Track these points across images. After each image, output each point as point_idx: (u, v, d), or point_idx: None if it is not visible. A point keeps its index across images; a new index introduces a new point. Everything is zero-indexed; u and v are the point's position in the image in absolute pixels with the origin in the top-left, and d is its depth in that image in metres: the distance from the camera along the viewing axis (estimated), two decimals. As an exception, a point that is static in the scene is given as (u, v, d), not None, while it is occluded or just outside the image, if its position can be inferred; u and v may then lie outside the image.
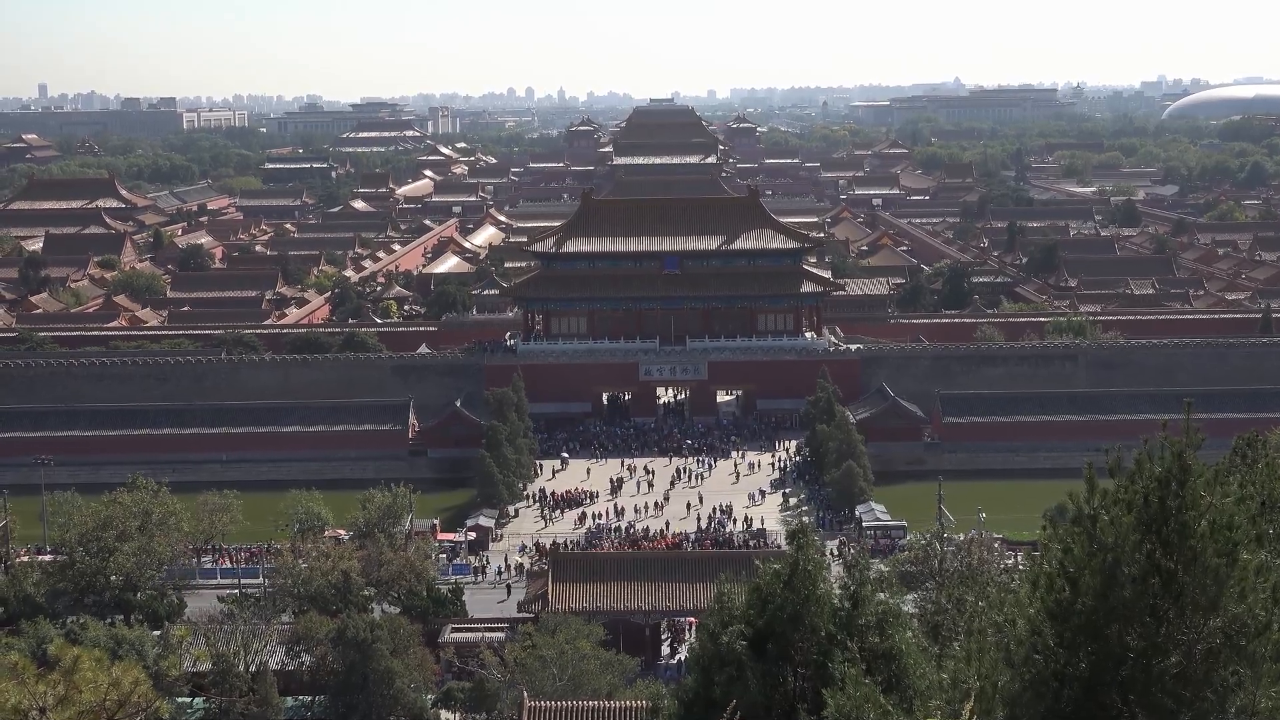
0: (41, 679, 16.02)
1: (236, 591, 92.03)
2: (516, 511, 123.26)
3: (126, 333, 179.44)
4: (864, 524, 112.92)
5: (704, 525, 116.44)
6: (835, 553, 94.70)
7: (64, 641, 15.82)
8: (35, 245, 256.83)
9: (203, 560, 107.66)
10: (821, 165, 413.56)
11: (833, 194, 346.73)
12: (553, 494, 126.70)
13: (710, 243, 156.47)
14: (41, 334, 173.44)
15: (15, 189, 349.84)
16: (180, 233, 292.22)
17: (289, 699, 75.62)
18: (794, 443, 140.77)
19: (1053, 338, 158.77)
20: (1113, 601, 15.72)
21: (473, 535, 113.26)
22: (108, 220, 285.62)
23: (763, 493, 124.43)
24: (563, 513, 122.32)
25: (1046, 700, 15.91)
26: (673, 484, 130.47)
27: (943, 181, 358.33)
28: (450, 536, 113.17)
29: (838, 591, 23.53)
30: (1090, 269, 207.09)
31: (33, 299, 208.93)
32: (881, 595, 24.29)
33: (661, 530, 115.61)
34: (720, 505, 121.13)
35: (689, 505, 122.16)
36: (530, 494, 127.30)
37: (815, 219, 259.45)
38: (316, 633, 75.49)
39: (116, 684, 16.23)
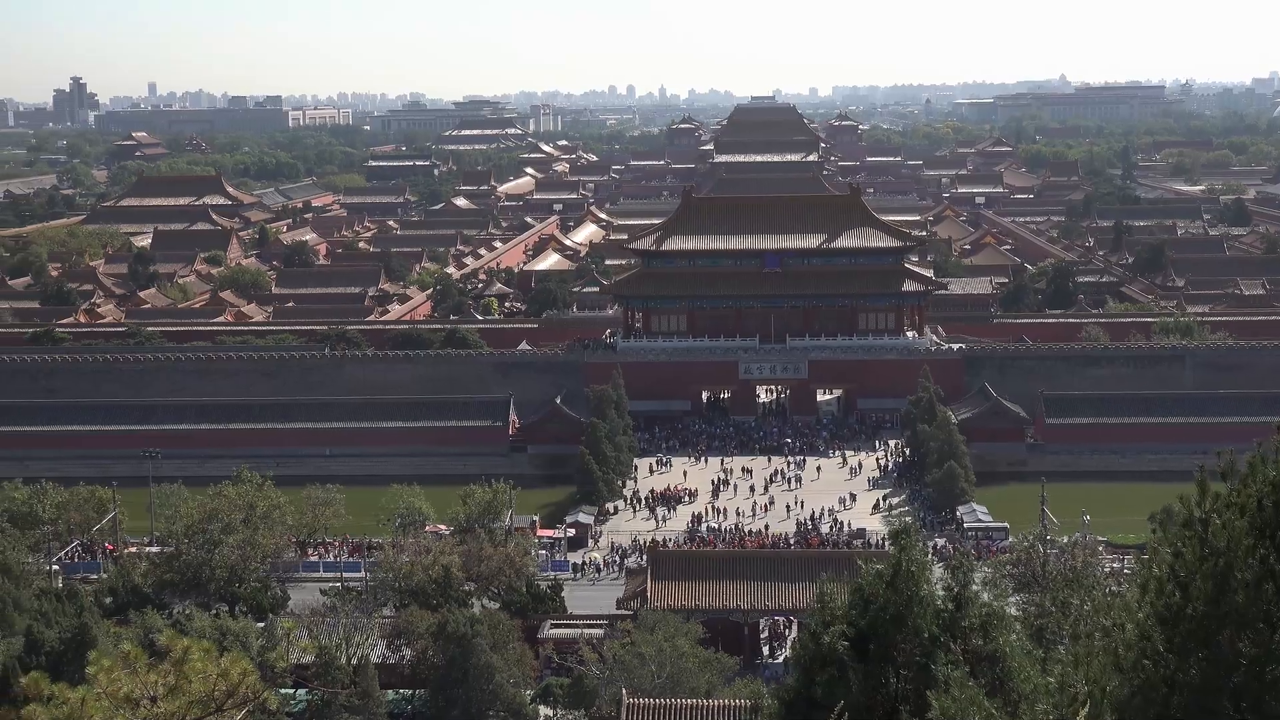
0: (152, 668, 16.26)
1: (338, 585, 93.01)
2: (615, 509, 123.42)
3: (232, 328, 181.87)
4: (965, 525, 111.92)
5: (803, 525, 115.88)
6: (937, 554, 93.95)
7: (174, 632, 16.06)
8: (144, 241, 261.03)
9: (306, 554, 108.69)
10: (924, 163, 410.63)
11: (935, 192, 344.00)
12: (651, 492, 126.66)
13: (811, 241, 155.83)
14: (150, 329, 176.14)
15: (125, 186, 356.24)
16: (285, 229, 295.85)
17: (390, 692, 76.29)
18: (894, 443, 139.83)
19: (1159, 339, 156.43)
20: (1225, 607, 15.46)
21: (572, 532, 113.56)
22: (214, 217, 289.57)
23: (853, 496, 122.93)
24: (664, 511, 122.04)
25: (1156, 706, 15.68)
26: (770, 483, 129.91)
27: (1047, 180, 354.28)
28: (549, 533, 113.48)
29: (941, 593, 23.37)
30: (1198, 269, 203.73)
31: (141, 294, 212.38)
32: (985, 597, 24.07)
33: (761, 530, 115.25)
34: (823, 506, 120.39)
35: (789, 507, 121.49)
36: (629, 492, 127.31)
37: (917, 217, 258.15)
38: (417, 627, 76.10)
39: (225, 674, 16.44)
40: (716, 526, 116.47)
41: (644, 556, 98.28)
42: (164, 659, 17.30)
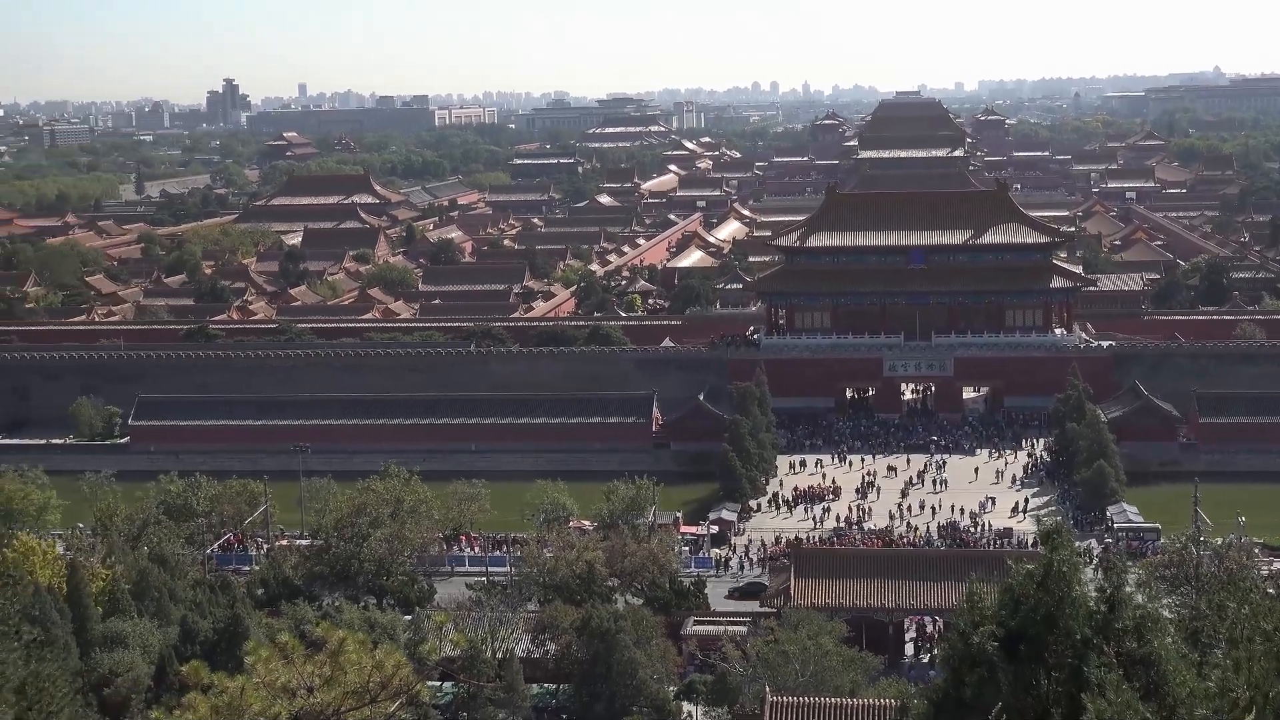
0: (309, 659, 16.53)
1: (484, 579, 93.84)
2: (759, 506, 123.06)
3: (380, 325, 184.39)
4: (1115, 525, 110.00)
5: (949, 525, 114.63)
6: (1087, 555, 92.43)
7: (330, 624, 16.36)
8: (294, 239, 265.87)
9: (452, 548, 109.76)
10: (1072, 158, 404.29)
11: (1084, 187, 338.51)
12: (795, 489, 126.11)
13: (957, 237, 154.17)
14: (300, 325, 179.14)
15: (276, 185, 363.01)
16: (432, 227, 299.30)
17: (534, 686, 76.87)
18: (1042, 441, 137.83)
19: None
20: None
21: (715, 529, 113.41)
22: (363, 215, 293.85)
23: (992, 500, 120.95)
24: (808, 508, 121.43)
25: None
26: (913, 483, 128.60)
27: (1200, 174, 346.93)
28: (693, 530, 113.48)
29: (1093, 594, 22.99)
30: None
31: (292, 291, 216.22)
32: (1139, 599, 23.64)
33: (905, 529, 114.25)
34: (965, 505, 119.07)
35: (934, 509, 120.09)
36: (772, 489, 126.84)
37: (1066, 213, 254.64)
38: (561, 622, 76.56)
39: (379, 666, 16.67)
40: (861, 525, 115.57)
41: (788, 554, 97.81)
42: (319, 650, 17.56)
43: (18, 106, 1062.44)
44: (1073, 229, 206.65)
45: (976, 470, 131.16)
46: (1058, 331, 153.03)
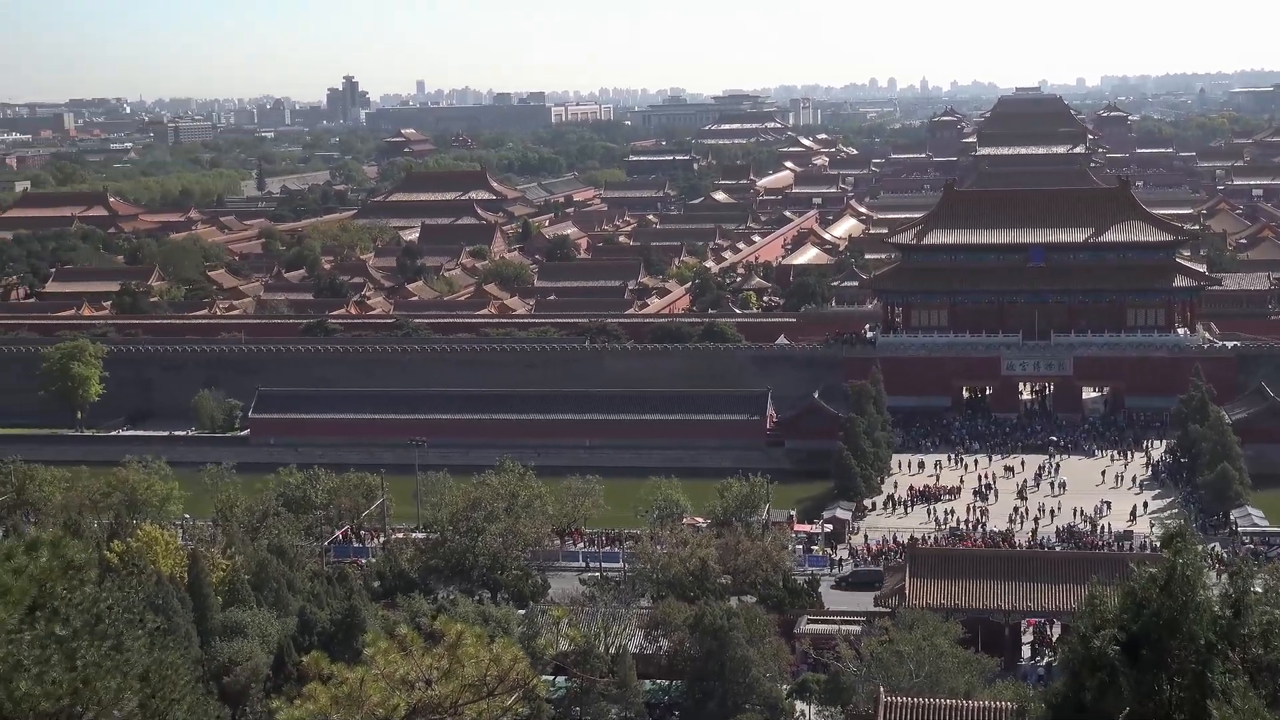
0: (427, 652, 16.66)
1: (597, 575, 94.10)
2: (873, 505, 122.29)
3: (495, 320, 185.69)
4: (1239, 529, 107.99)
5: (1067, 527, 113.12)
6: (1210, 558, 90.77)
7: (448, 618, 16.47)
8: (412, 235, 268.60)
9: (565, 543, 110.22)
10: (1197, 155, 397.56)
11: (1209, 185, 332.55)
12: (910, 489, 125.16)
13: (1078, 235, 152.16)
14: (417, 320, 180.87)
15: (394, 181, 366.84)
16: (547, 224, 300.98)
17: (646, 682, 76.88)
18: (1164, 443, 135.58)
19: None
20: None
21: (829, 527, 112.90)
22: (479, 211, 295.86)
23: (1107, 504, 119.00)
24: (925, 508, 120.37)
25: None
26: (1030, 484, 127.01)
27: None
28: (806, 528, 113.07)
29: (1218, 599, 22.58)
30: None
31: (409, 286, 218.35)
32: (1265, 604, 23.16)
33: (1023, 529, 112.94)
34: (1081, 507, 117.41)
35: (1052, 512, 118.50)
36: (887, 488, 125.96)
37: (1189, 211, 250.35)
38: (674, 618, 76.53)
39: (497, 660, 16.74)
40: (977, 526, 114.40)
41: (903, 553, 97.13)
42: (437, 643, 17.67)
43: (144, 104, 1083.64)
44: (1196, 227, 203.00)
45: (1102, 473, 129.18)
46: (1180, 331, 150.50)
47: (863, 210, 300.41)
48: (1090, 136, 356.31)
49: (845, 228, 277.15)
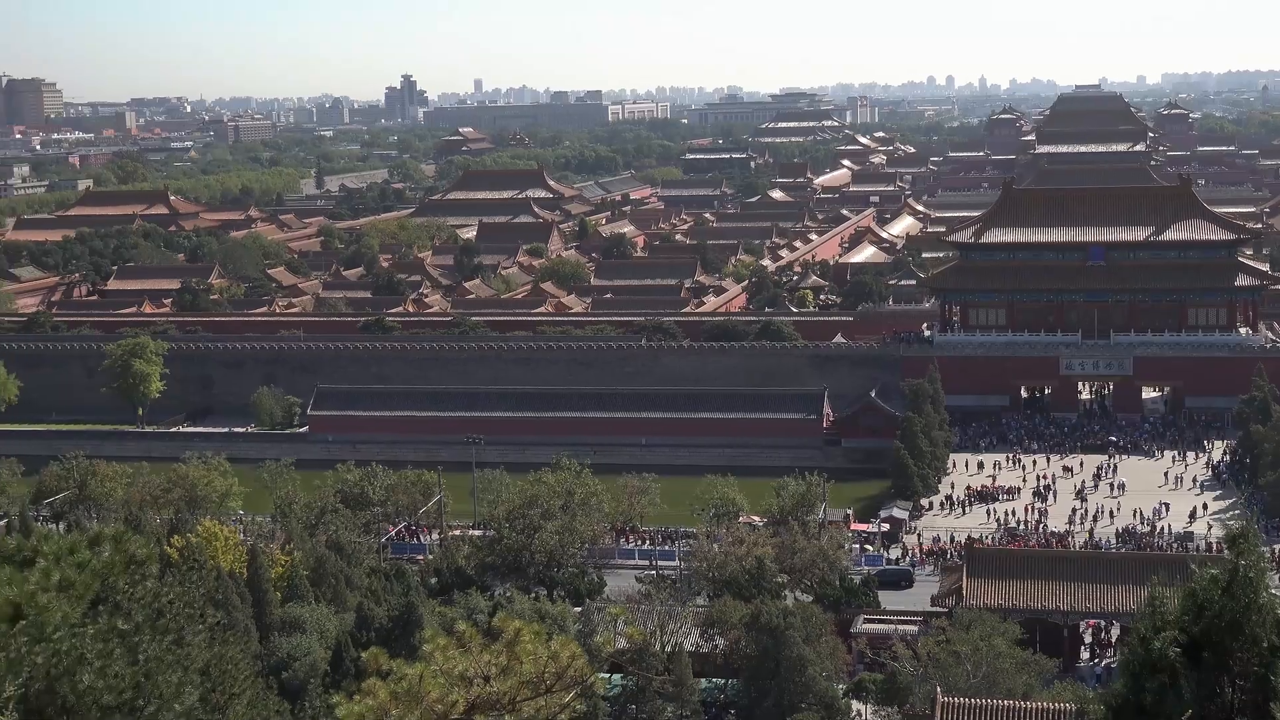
0: (485, 648, 16.72)
1: (653, 572, 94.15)
2: (930, 504, 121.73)
3: (552, 318, 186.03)
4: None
5: (1127, 527, 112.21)
6: (1274, 560, 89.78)
7: (506, 614, 16.53)
8: (469, 233, 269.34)
9: (621, 541, 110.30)
10: (1260, 153, 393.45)
11: (1272, 183, 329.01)
12: (968, 488, 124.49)
13: (1138, 233, 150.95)
14: (474, 318, 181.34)
15: (452, 180, 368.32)
16: (604, 222, 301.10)
17: (702, 680, 76.84)
18: (1224, 444, 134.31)
19: None
20: None
21: (886, 526, 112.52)
22: (536, 210, 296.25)
23: (1166, 506, 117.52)
24: (983, 508, 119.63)
25: None
26: (1089, 484, 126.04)
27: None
28: (863, 527, 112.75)
29: (1282, 601, 22.35)
30: None
31: (466, 285, 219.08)
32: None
33: (1082, 530, 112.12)
34: (1140, 507, 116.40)
35: (1112, 513, 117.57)
36: (944, 488, 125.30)
37: (1252, 209, 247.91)
38: (730, 617, 76.50)
39: (555, 657, 16.77)
40: (1036, 526, 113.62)
41: (960, 553, 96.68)
42: (495, 639, 17.73)
43: (204, 103, 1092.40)
44: (1259, 225, 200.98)
45: (1153, 472, 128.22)
46: (1242, 331, 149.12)
47: (920, 209, 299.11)
48: (1151, 134, 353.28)
49: (903, 226, 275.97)
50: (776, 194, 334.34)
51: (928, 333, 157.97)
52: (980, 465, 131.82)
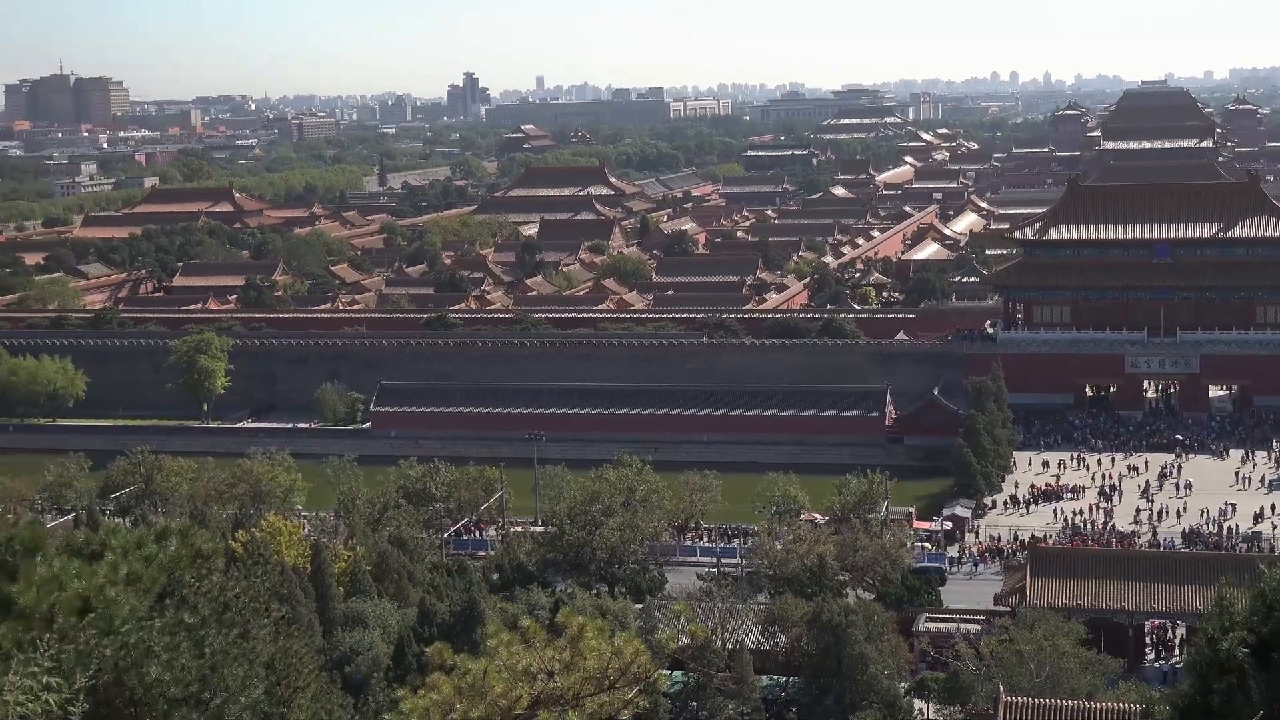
0: (549, 644, 16.76)
1: (714, 570, 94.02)
2: (994, 502, 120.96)
3: (613, 315, 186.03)
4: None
5: (1193, 527, 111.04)
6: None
7: (570, 610, 16.56)
8: (531, 230, 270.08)
9: (682, 538, 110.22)
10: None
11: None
12: (1031, 487, 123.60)
13: (1205, 230, 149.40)
14: (536, 315, 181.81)
15: (514, 177, 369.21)
16: (665, 219, 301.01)
17: (764, 678, 76.69)
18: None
19: None
20: None
21: (948, 525, 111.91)
22: (598, 207, 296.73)
23: (1232, 506, 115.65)
24: (1056, 511, 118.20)
25: None
26: (1154, 484, 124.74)
27: None
28: (926, 525, 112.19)
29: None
30: None
31: (528, 281, 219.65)
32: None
33: (1147, 529, 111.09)
34: (1206, 507, 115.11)
35: (1179, 512, 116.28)
36: (1008, 487, 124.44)
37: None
38: (792, 614, 76.28)
39: (618, 653, 16.77)
40: (1101, 525, 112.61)
41: (1024, 552, 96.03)
42: (559, 635, 17.76)
43: (268, 101, 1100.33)
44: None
45: (1219, 472, 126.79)
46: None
47: (984, 205, 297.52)
48: (1218, 130, 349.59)
49: (966, 223, 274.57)
50: (838, 191, 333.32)
51: (991, 330, 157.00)
52: (1045, 464, 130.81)
